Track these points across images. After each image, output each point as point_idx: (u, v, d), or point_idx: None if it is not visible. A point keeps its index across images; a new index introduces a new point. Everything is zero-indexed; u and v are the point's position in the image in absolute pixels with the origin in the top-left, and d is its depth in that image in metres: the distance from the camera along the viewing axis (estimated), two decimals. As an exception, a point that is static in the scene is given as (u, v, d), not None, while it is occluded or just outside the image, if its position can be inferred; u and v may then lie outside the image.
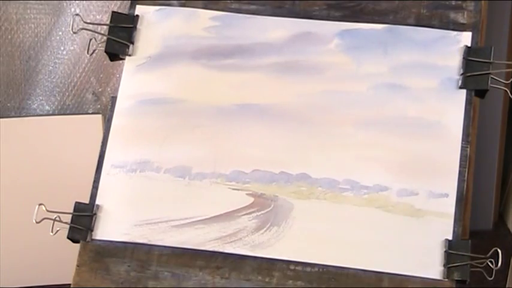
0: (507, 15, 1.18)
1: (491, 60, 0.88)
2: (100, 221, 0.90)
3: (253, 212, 0.88)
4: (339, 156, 0.88)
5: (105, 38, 0.94)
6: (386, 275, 0.84)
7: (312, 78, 0.91)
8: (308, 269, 0.85)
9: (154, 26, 0.95)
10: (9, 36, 1.21)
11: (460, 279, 0.83)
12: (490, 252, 0.82)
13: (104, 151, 0.92)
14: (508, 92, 0.89)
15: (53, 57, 1.22)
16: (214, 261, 0.86)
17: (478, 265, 0.83)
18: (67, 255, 0.93)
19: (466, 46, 0.89)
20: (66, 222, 0.89)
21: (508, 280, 1.02)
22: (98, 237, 0.89)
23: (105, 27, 0.97)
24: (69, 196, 0.90)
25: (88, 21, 1.09)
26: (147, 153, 0.91)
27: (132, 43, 0.95)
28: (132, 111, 0.93)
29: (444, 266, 0.83)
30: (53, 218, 0.88)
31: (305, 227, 0.86)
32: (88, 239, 0.89)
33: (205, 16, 0.95)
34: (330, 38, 0.92)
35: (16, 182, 1.15)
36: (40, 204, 0.88)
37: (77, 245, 0.89)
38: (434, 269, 0.83)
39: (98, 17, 1.19)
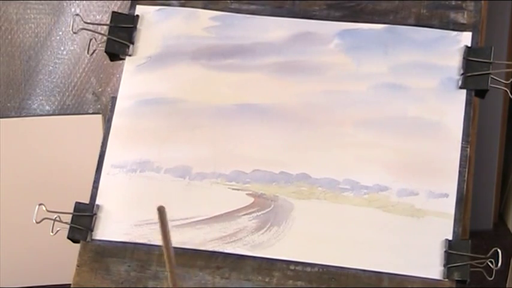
0: (507, 15, 1.18)
1: (491, 60, 0.88)
2: (100, 221, 0.90)
3: (253, 212, 0.88)
4: (339, 156, 0.88)
5: (105, 38, 0.94)
6: (387, 275, 0.84)
7: (312, 78, 0.91)
8: (308, 269, 0.85)
9: (155, 26, 0.95)
10: (9, 36, 1.21)
11: (460, 279, 0.83)
12: (490, 252, 0.82)
13: (104, 151, 0.92)
14: (508, 92, 0.89)
15: (53, 57, 1.22)
16: (214, 261, 0.86)
17: (478, 265, 0.83)
18: (67, 255, 0.93)
19: (466, 46, 0.89)
20: (66, 222, 0.89)
21: (508, 280, 1.02)
22: (98, 237, 0.89)
23: (105, 27, 0.97)
24: (69, 196, 0.90)
25: (88, 21, 1.09)
26: (147, 153, 0.91)
27: (132, 43, 0.95)
28: (132, 111, 0.93)
29: (444, 266, 0.83)
30: (53, 218, 0.88)
31: (305, 227, 0.86)
32: (88, 239, 0.89)
33: (205, 16, 0.95)
34: (330, 38, 0.92)
35: (16, 182, 1.15)
36: (40, 204, 0.88)
37: (77, 245, 0.89)
38: (434, 269, 0.83)
39: (98, 17, 1.19)
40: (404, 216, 0.85)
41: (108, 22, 0.95)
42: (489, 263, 0.82)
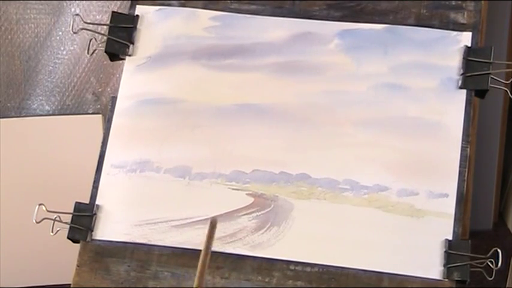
0: (507, 15, 1.18)
1: (491, 60, 0.88)
2: (100, 221, 0.90)
3: (253, 212, 0.88)
4: (338, 156, 0.88)
5: (105, 38, 0.94)
6: (387, 275, 0.84)
7: (312, 78, 0.91)
8: (308, 269, 0.85)
9: (155, 26, 0.95)
10: (9, 36, 1.21)
11: (460, 279, 0.83)
12: (490, 252, 0.82)
13: (104, 151, 0.92)
14: (508, 92, 0.89)
15: (53, 57, 1.22)
16: (214, 261, 0.86)
17: (478, 265, 0.83)
18: (67, 255, 0.93)
19: (466, 46, 0.89)
20: (66, 222, 0.89)
21: (508, 280, 1.02)
22: (98, 237, 0.89)
23: (105, 27, 0.97)
24: (69, 196, 0.90)
25: (88, 21, 1.09)
26: (147, 153, 0.91)
27: (132, 43, 0.95)
28: (132, 111, 0.93)
29: (444, 266, 0.83)
30: (53, 218, 0.88)
31: (305, 227, 0.86)
32: (88, 239, 0.89)
33: (205, 16, 0.95)
34: (330, 38, 0.92)
35: (16, 182, 1.15)
36: (40, 204, 0.88)
37: (77, 245, 0.89)
38: (434, 269, 0.83)
39: (98, 17, 1.19)
40: (404, 216, 0.85)
41: (108, 22, 0.95)
42: (489, 263, 0.82)
